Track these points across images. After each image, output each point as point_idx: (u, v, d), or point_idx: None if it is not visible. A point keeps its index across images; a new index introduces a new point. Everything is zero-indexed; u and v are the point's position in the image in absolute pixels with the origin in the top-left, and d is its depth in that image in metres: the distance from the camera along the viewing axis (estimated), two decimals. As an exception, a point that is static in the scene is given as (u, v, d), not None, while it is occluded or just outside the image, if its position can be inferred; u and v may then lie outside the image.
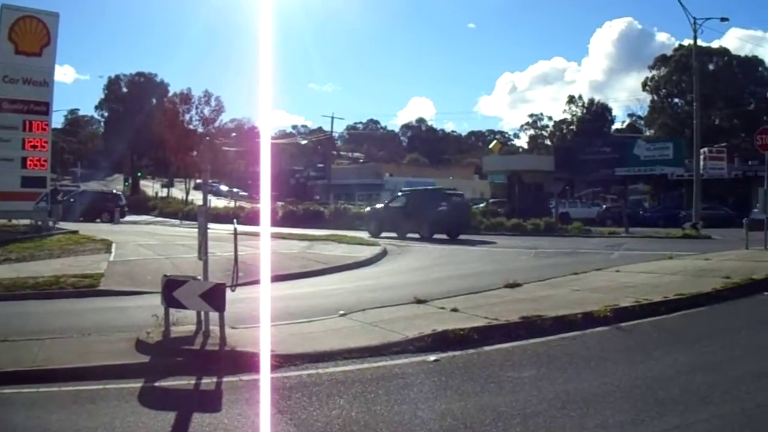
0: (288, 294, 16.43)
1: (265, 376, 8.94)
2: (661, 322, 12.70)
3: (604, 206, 68.58)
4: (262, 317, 11.04)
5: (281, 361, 9.57)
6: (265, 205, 32.35)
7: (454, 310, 13.02)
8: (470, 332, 11.04)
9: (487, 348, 10.57)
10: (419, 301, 14.00)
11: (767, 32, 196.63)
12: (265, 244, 21.21)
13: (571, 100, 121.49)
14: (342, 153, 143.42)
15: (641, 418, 7.29)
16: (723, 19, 50.17)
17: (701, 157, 51.96)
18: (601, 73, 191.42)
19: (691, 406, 7.62)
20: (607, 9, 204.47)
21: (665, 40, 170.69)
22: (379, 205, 42.18)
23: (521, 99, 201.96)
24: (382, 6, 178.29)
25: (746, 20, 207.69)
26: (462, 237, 37.96)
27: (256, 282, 13.77)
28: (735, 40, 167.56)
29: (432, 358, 9.97)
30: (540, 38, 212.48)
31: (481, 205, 61.68)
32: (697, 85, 50.93)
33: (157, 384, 9.10)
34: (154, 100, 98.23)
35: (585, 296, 14.68)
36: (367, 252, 28.12)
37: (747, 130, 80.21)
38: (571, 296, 14.80)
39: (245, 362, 9.61)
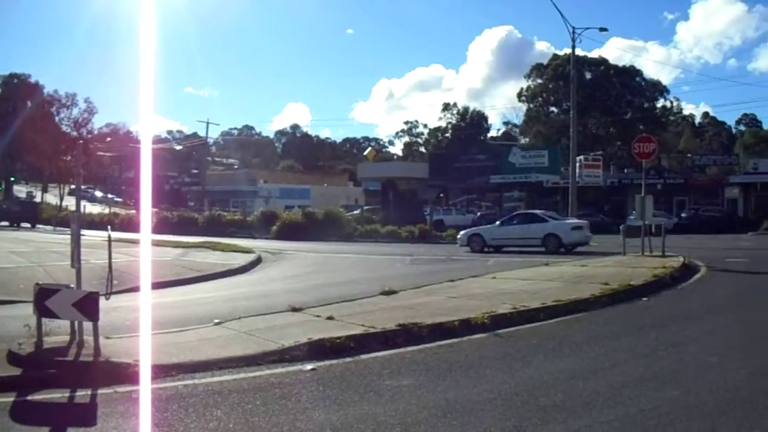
0: (162, 302, 16.07)
1: (141, 387, 8.71)
2: (540, 328, 12.91)
3: (479, 213, 69.59)
4: (142, 326, 10.80)
5: (157, 372, 9.31)
6: (144, 211, 32.12)
7: (330, 318, 13.02)
8: (347, 340, 11.06)
9: (364, 356, 10.58)
10: (295, 309, 13.98)
11: (648, 42, 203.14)
12: (144, 251, 20.99)
13: (447, 107, 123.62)
14: (217, 159, 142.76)
15: (524, 425, 7.28)
16: (602, 29, 51.67)
17: (577, 164, 53.19)
18: (479, 81, 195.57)
19: (574, 413, 7.66)
20: (487, 17, 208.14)
21: (545, 49, 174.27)
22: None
23: (398, 106, 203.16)
24: (261, 10, 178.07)
25: (628, 30, 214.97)
26: (340, 244, 39.17)
27: (131, 290, 13.61)
28: (616, 50, 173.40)
29: (309, 367, 9.91)
30: (419, 45, 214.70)
31: (356, 212, 61.89)
32: (573, 94, 52.22)
33: (29, 398, 8.74)
34: (28, 102, 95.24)
35: (462, 303, 14.84)
36: (241, 259, 28.53)
37: (623, 139, 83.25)
38: (448, 303, 14.94)
39: (120, 373, 9.37)
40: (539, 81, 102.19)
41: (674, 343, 11.32)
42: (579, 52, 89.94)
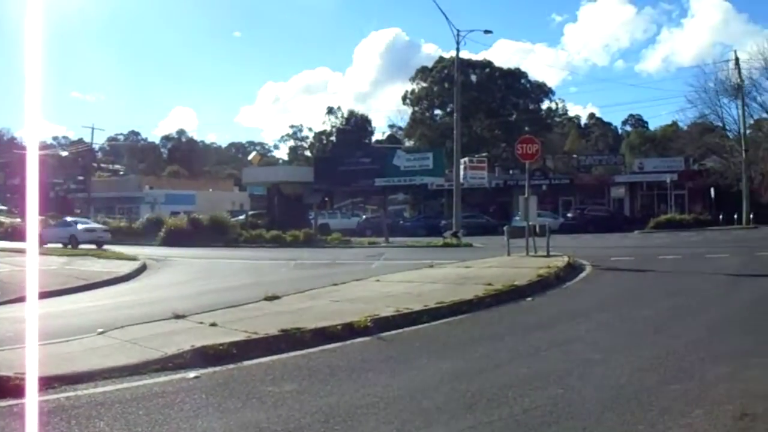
0: (46, 312, 15.47)
1: (24, 400, 8.25)
2: (423, 330, 12.94)
3: (365, 216, 70.09)
4: (27, 338, 10.36)
5: (40, 385, 8.88)
6: (31, 220, 31.82)
7: (213, 324, 12.89)
8: (230, 347, 10.95)
9: (247, 363, 10.48)
10: (178, 317, 13.80)
11: (536, 44, 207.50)
12: (31, 260, 20.46)
13: (330, 111, 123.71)
14: (103, 165, 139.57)
15: (407, 428, 7.27)
16: (486, 32, 52.29)
17: (462, 166, 53.85)
18: (366, 84, 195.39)
19: (457, 414, 7.64)
20: (374, 19, 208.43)
21: (432, 52, 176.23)
22: None
23: (284, 110, 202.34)
24: (147, 12, 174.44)
25: (517, 32, 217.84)
26: (225, 250, 40.34)
27: (15, 300, 13.08)
28: (505, 52, 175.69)
29: (192, 374, 9.74)
30: (305, 48, 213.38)
31: (241, 217, 61.58)
32: (457, 96, 52.94)
33: None
34: None
35: (345, 307, 14.83)
36: (126, 267, 28.51)
37: (508, 141, 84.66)
38: (331, 307, 14.96)
39: (2, 387, 8.94)
40: (424, 84, 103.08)
41: (558, 341, 11.44)
42: (466, 54, 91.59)
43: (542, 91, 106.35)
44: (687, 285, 19.02)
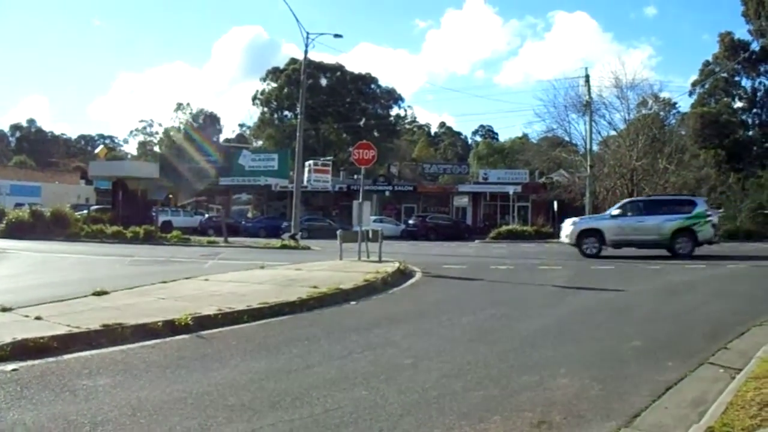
0: None
1: None
2: (243, 330, 13.06)
3: (207, 215, 69.51)
4: None
5: None
6: None
7: (38, 318, 12.76)
8: (50, 341, 10.90)
9: (66, 356, 10.48)
10: (5, 309, 13.62)
11: (397, 50, 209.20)
12: None
13: (180, 107, 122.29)
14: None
15: (209, 424, 7.40)
16: (336, 36, 53.33)
17: (306, 169, 54.05)
18: (222, 81, 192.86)
19: (260, 412, 7.79)
20: (237, 16, 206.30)
21: (292, 53, 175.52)
22: None
23: (136, 103, 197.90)
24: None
25: (380, 37, 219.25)
26: (65, 244, 39.26)
27: None
28: (363, 57, 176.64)
29: (10, 367, 9.69)
30: (165, 40, 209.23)
31: (84, 211, 60.32)
32: (302, 98, 53.07)
33: None
34: None
35: (170, 304, 14.86)
36: None
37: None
38: (157, 304, 14.95)
39: None
40: (274, 85, 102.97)
41: (373, 345, 11.65)
42: (318, 57, 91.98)
43: (392, 97, 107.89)
44: (513, 295, 19.52)
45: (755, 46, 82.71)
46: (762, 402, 7.60)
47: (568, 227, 35.54)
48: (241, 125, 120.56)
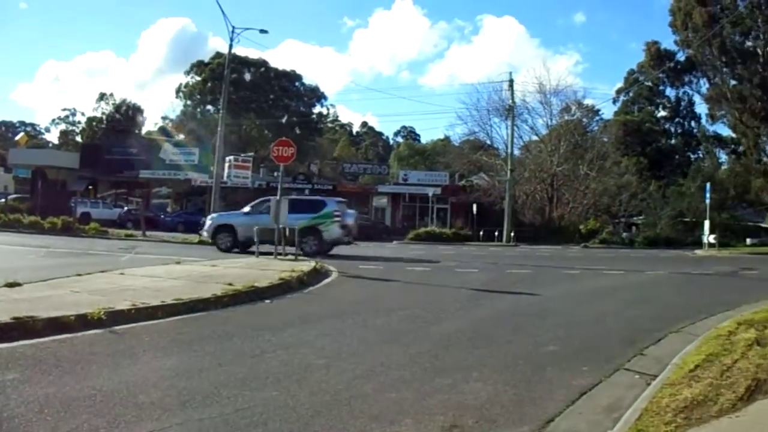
0: None
1: None
2: (156, 326, 12.94)
3: (126, 208, 68.81)
4: None
5: None
6: None
7: None
8: None
9: None
10: None
11: (324, 47, 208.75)
12: None
13: (102, 97, 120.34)
14: None
15: (117, 422, 7.31)
16: (262, 31, 52.34)
17: (227, 164, 53.75)
18: (148, 72, 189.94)
19: (169, 410, 7.72)
20: (167, 7, 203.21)
21: (219, 47, 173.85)
22: None
23: (61, 91, 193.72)
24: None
25: (307, 34, 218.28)
26: None
27: None
28: (289, 54, 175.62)
29: None
30: (93, 28, 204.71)
31: (2, 200, 59.24)
32: (225, 93, 52.92)
33: None
34: None
35: (84, 298, 14.64)
36: None
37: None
38: (70, 297, 14.73)
39: None
40: (198, 78, 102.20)
41: (286, 345, 11.66)
42: (243, 52, 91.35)
43: (315, 95, 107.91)
44: (428, 297, 19.64)
45: (681, 57, 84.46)
46: (677, 408, 7.80)
47: (207, 222, 37.23)
48: (164, 118, 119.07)
